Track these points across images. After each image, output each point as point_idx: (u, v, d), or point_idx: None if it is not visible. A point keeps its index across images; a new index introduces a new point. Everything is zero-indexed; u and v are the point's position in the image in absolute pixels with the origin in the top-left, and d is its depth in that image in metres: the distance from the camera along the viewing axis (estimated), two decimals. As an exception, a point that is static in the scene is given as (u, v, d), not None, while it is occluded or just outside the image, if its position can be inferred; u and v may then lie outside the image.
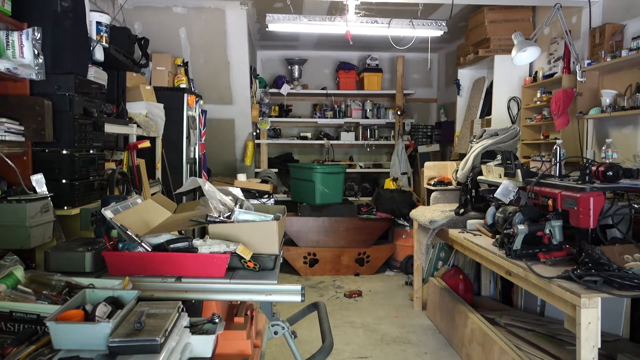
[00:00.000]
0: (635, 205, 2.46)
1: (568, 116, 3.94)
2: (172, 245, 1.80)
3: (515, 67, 4.70)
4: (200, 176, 4.84)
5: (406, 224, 5.24)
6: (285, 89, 6.72)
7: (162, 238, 1.83)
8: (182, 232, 2.05)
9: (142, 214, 2.08)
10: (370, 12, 4.30)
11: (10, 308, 1.35)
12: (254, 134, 6.33)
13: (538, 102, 4.55)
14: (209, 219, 1.98)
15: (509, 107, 5.10)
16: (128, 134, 3.51)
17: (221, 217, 2.00)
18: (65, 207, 2.44)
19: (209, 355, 1.44)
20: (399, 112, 6.87)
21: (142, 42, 4.13)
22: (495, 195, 2.95)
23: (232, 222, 1.98)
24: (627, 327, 2.79)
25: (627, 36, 3.65)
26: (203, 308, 1.76)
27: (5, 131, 2.24)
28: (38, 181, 2.31)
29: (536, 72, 4.70)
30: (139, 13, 4.87)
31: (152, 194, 3.50)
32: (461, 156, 4.66)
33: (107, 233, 1.99)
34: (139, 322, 1.21)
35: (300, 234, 5.24)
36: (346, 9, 4.01)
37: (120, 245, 1.82)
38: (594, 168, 2.40)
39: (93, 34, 3.03)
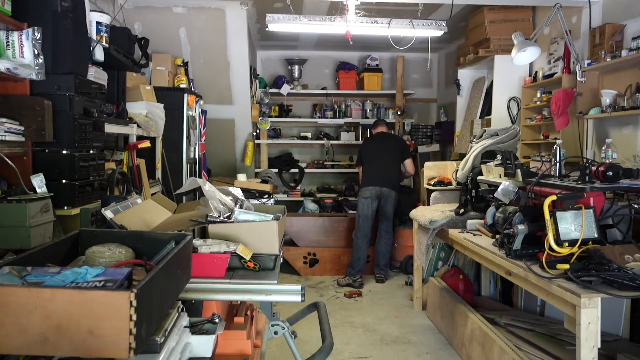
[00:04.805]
0: (635, 205, 2.47)
1: (568, 116, 3.95)
2: (172, 245, 1.79)
3: (515, 67, 4.70)
4: (200, 176, 4.84)
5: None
6: (285, 89, 6.72)
7: (162, 238, 1.83)
8: (182, 232, 2.04)
9: (142, 214, 2.08)
10: (370, 12, 4.30)
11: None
12: (254, 134, 6.33)
13: (538, 102, 4.55)
14: (209, 219, 1.98)
15: (509, 107, 5.10)
16: (128, 134, 3.51)
17: (221, 217, 2.00)
18: (65, 207, 2.44)
19: (209, 355, 1.44)
20: (399, 112, 6.87)
21: (142, 42, 4.13)
22: (495, 195, 2.95)
23: (232, 222, 1.98)
24: (627, 327, 2.79)
25: (627, 36, 3.65)
26: (203, 308, 1.76)
27: (5, 131, 2.24)
28: (38, 181, 2.31)
29: (536, 72, 4.70)
30: (139, 13, 4.87)
31: (152, 194, 3.50)
32: (461, 156, 4.66)
33: (107, 233, 1.99)
34: (139, 322, 1.21)
35: (300, 234, 5.24)
36: (346, 9, 4.01)
37: (120, 245, 1.82)
38: (594, 168, 2.40)
39: (93, 34, 3.03)
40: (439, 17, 4.97)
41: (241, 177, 5.09)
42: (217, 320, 1.53)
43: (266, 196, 4.75)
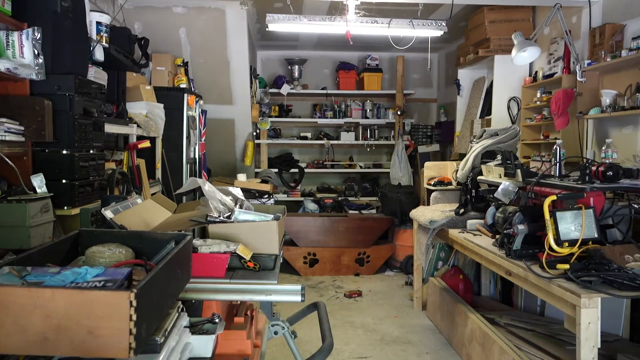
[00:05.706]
0: (635, 205, 2.46)
1: (568, 116, 3.94)
2: (172, 245, 1.79)
3: (515, 67, 4.70)
4: (200, 176, 4.84)
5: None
6: (285, 89, 6.72)
7: (162, 238, 1.83)
8: (182, 232, 2.04)
9: (142, 214, 2.08)
10: (370, 12, 4.30)
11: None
12: (254, 134, 6.33)
13: (538, 102, 4.55)
14: (209, 219, 1.98)
15: (509, 107, 5.10)
16: (128, 134, 3.51)
17: (221, 217, 2.00)
18: (65, 207, 2.44)
19: (209, 355, 1.44)
20: (399, 112, 6.87)
21: (142, 42, 4.13)
22: (495, 195, 2.95)
23: (232, 222, 1.98)
24: (627, 327, 2.79)
25: (627, 36, 3.65)
26: (203, 308, 1.76)
27: (5, 131, 2.24)
28: (38, 181, 2.31)
29: (536, 72, 4.70)
30: (139, 13, 4.87)
31: (152, 194, 3.50)
32: (461, 156, 4.66)
33: (107, 233, 1.99)
34: (139, 322, 1.21)
35: (300, 234, 5.24)
36: (346, 9, 4.01)
37: (120, 245, 1.82)
38: (594, 168, 2.40)
39: (93, 34, 3.03)
40: (439, 17, 4.96)
41: (241, 177, 5.09)
42: (217, 320, 1.53)
43: (266, 196, 4.76)
